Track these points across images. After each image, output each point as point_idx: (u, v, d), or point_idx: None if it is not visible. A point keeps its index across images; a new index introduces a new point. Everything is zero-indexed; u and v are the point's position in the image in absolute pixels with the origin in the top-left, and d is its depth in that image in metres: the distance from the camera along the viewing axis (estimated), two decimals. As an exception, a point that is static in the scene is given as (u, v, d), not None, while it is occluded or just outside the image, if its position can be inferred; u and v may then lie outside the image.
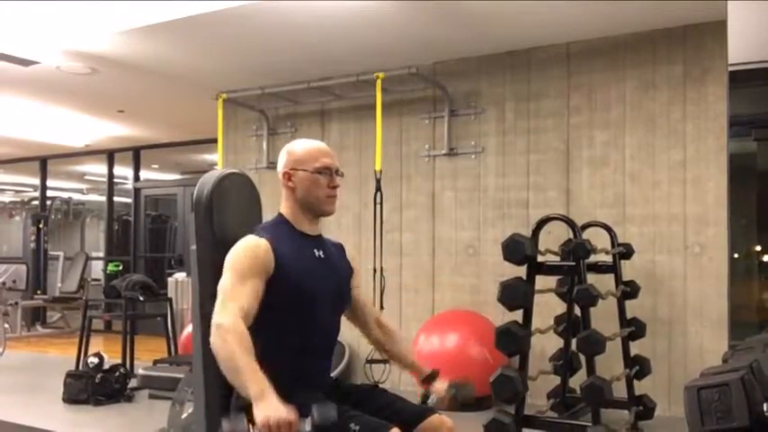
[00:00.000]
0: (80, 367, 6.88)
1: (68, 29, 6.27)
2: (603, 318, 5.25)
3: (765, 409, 1.58)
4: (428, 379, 2.87)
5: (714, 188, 5.79)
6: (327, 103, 7.65)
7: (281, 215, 2.67)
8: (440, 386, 2.82)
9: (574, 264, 4.85)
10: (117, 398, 6.42)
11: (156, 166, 13.77)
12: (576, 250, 4.82)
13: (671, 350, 5.88)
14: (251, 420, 2.09)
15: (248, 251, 2.47)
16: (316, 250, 2.65)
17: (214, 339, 2.27)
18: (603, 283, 5.23)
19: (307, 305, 2.56)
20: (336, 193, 2.65)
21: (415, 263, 7.07)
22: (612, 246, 5.46)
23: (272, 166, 7.70)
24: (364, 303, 2.91)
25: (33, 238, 13.51)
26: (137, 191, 12.58)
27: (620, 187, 6.15)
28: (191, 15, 5.78)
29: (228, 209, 2.64)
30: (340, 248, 2.83)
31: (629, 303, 5.43)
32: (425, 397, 2.84)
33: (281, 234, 2.57)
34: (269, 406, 2.09)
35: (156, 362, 7.24)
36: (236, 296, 2.37)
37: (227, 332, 2.26)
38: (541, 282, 5.01)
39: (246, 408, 2.18)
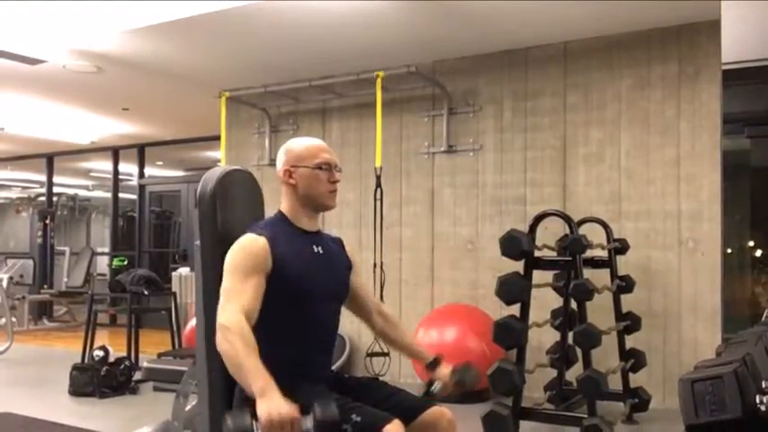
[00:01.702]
0: (86, 360, 6.89)
1: (74, 28, 6.27)
2: (599, 312, 5.25)
3: (758, 400, 1.58)
4: (432, 365, 2.86)
5: (708, 185, 5.79)
6: (328, 101, 7.65)
7: (280, 212, 2.67)
8: (444, 372, 2.83)
9: (570, 259, 4.85)
10: (122, 390, 6.43)
11: (160, 163, 13.78)
12: (573, 245, 4.82)
13: (665, 343, 5.88)
14: (254, 415, 2.09)
15: (246, 250, 2.46)
16: (314, 246, 2.65)
17: (219, 340, 2.28)
18: (599, 277, 5.24)
19: (305, 301, 2.56)
20: (336, 188, 2.66)
21: (415, 258, 7.07)
22: (608, 241, 5.46)
23: (273, 162, 7.66)
24: (366, 295, 2.91)
25: (40, 233, 13.52)
26: (141, 187, 12.57)
27: (615, 184, 6.15)
28: (194, 15, 5.77)
29: (231, 205, 2.63)
30: (339, 243, 2.83)
31: (624, 298, 5.43)
32: (430, 383, 2.84)
33: (279, 231, 2.57)
34: (272, 402, 2.09)
35: (160, 355, 7.25)
36: (237, 296, 2.37)
37: (230, 332, 2.26)
38: (538, 276, 5.02)
39: (249, 402, 2.18)
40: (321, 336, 2.66)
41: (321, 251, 2.66)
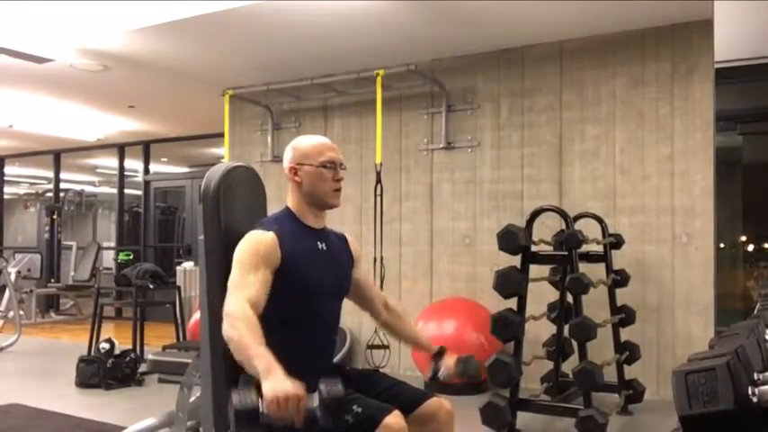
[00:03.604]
0: (92, 352, 6.89)
1: (81, 28, 6.26)
2: (595, 305, 5.26)
3: (750, 392, 1.58)
4: (437, 355, 2.89)
5: (701, 181, 5.79)
6: (330, 99, 7.64)
7: (287, 208, 2.66)
8: (449, 361, 2.85)
9: (566, 253, 4.85)
10: (127, 382, 6.43)
11: (165, 160, 13.78)
12: (569, 240, 4.82)
13: (659, 336, 5.89)
14: (260, 394, 2.08)
15: (255, 245, 2.46)
16: (319, 243, 2.65)
17: (225, 328, 2.27)
18: (595, 271, 5.24)
19: (309, 297, 2.56)
20: (341, 186, 2.65)
21: (414, 252, 7.07)
22: (603, 236, 5.46)
23: (276, 159, 7.69)
24: (369, 287, 2.92)
25: (47, 228, 13.53)
26: (147, 183, 12.58)
27: (610, 180, 6.15)
28: (199, 15, 5.77)
29: (235, 200, 2.63)
30: (342, 239, 2.83)
31: (619, 291, 5.44)
32: (435, 371, 2.88)
33: (286, 227, 2.56)
34: (277, 381, 2.08)
35: (165, 347, 7.25)
36: (244, 287, 2.37)
37: (236, 318, 2.25)
38: (535, 270, 5.02)
39: (255, 383, 2.17)
40: (323, 329, 2.66)
41: (325, 248, 2.66)
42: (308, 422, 2.11)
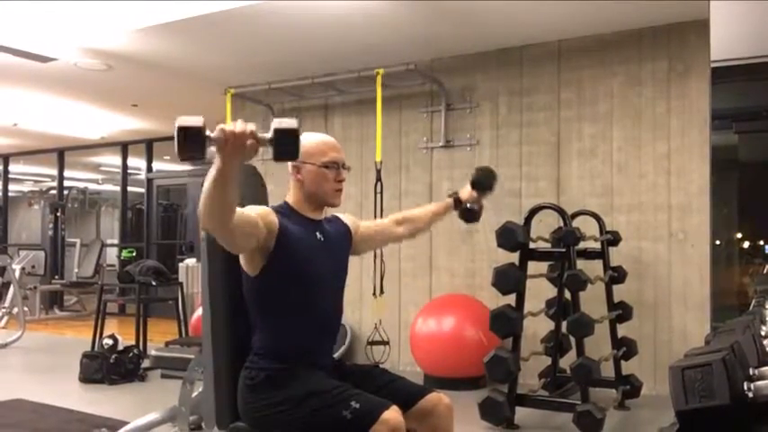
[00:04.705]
0: (95, 348, 6.90)
1: (85, 27, 6.26)
2: (592, 301, 5.26)
3: (745, 387, 1.58)
4: (457, 200, 3.15)
5: (697, 179, 5.79)
6: (330, 98, 7.64)
7: (285, 203, 2.65)
8: (465, 192, 3.14)
9: (564, 250, 4.85)
10: (130, 377, 6.43)
11: (167, 158, 13.74)
12: (567, 237, 4.82)
13: (656, 332, 5.89)
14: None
15: (255, 209, 2.42)
16: (317, 233, 2.63)
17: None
18: (592, 268, 5.24)
19: (308, 285, 2.54)
20: (342, 187, 2.63)
21: (414, 249, 7.06)
22: (601, 233, 5.46)
23: (277, 157, 7.68)
24: (380, 230, 3.00)
25: (51, 225, 13.53)
26: (149, 181, 12.58)
27: (607, 178, 6.14)
28: (201, 15, 5.77)
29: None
30: (337, 222, 2.81)
31: (616, 288, 5.43)
32: (464, 209, 3.13)
33: (285, 215, 2.56)
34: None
35: (167, 343, 7.24)
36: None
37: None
38: (533, 267, 5.03)
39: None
40: (324, 322, 2.63)
41: (323, 238, 2.64)
42: (256, 149, 2.01)
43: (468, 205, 3.10)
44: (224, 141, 1.97)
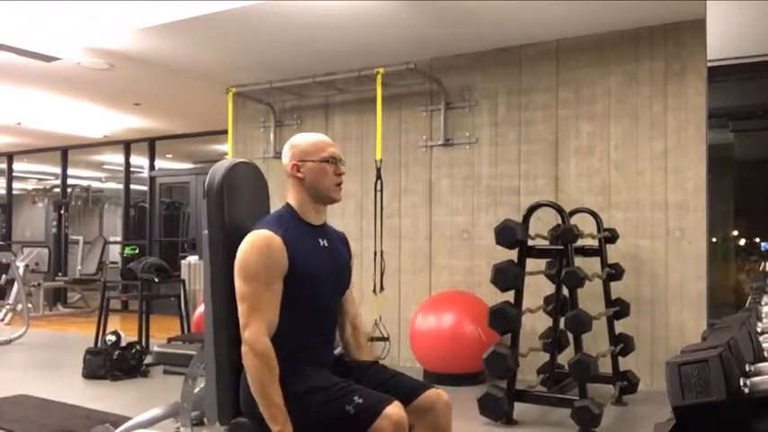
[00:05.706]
0: (98, 345, 6.89)
1: (88, 27, 6.25)
2: (590, 298, 5.25)
3: (741, 383, 1.58)
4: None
5: (694, 177, 5.78)
6: (331, 97, 7.64)
7: (288, 205, 2.65)
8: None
9: (562, 247, 4.86)
10: (133, 373, 6.43)
11: (170, 156, 13.76)
12: (564, 235, 4.82)
13: (653, 328, 5.89)
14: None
15: (264, 252, 2.43)
16: (321, 239, 2.63)
17: (245, 356, 2.36)
18: (590, 265, 5.23)
19: (314, 292, 2.54)
20: (342, 181, 2.64)
21: (413, 246, 7.07)
22: (598, 231, 5.46)
23: (278, 155, 7.68)
24: (347, 299, 2.81)
25: (55, 223, 13.49)
26: (152, 179, 12.57)
27: (605, 176, 6.14)
28: (203, 14, 5.76)
29: (238, 196, 2.63)
30: (342, 239, 2.83)
31: (614, 285, 5.44)
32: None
33: (289, 226, 2.54)
34: None
35: (170, 339, 7.25)
36: (261, 307, 2.39)
37: (257, 356, 2.34)
38: (531, 264, 5.03)
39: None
40: (326, 322, 2.65)
41: (326, 244, 2.65)
42: None
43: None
44: None
